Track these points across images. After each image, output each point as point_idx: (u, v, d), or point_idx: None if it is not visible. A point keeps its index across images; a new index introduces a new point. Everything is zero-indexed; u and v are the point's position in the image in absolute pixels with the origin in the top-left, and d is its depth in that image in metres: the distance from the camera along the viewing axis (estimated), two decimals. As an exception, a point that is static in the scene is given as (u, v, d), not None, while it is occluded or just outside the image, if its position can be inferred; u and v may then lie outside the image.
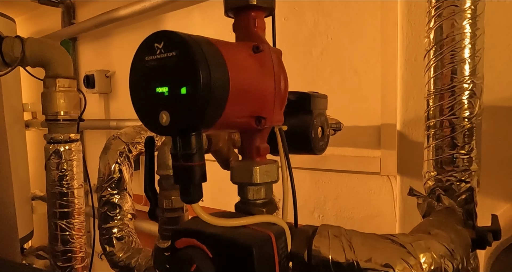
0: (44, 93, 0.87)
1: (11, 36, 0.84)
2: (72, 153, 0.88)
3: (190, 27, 1.81)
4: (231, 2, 0.47)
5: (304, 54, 1.42)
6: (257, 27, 0.47)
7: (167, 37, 0.35)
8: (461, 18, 0.55)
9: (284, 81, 0.46)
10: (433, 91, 0.59)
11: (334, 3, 1.33)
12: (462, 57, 0.56)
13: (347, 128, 1.33)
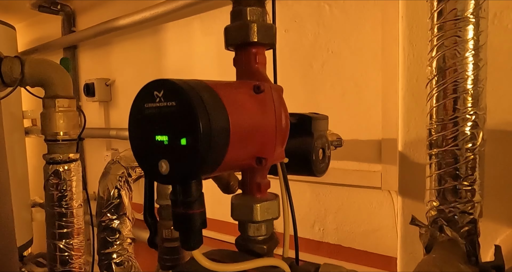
0: (43, 113, 0.86)
1: (10, 57, 0.84)
2: (71, 172, 0.87)
3: (190, 38, 1.81)
4: (231, 38, 0.46)
5: (305, 67, 1.41)
6: (258, 63, 0.47)
7: (167, 86, 0.34)
8: (463, 49, 0.55)
9: (285, 119, 0.46)
10: (435, 120, 0.58)
11: (335, 16, 1.33)
12: (464, 88, 0.55)
13: (347, 142, 1.33)
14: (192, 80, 0.37)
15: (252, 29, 0.45)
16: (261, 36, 0.45)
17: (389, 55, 1.20)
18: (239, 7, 0.46)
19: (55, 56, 2.55)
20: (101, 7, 2.28)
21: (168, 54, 1.93)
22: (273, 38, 0.47)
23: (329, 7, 1.34)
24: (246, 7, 0.46)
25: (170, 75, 1.93)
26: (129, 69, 2.15)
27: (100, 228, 0.69)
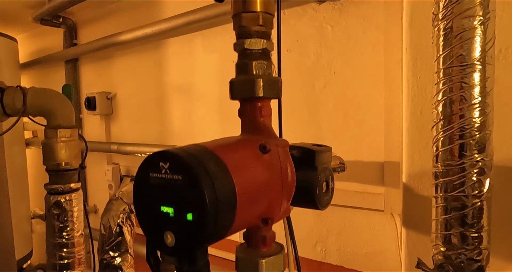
0: (45, 144, 0.86)
1: (12, 87, 0.84)
2: (73, 202, 0.86)
3: (192, 53, 1.81)
4: (237, 92, 0.46)
5: (307, 86, 1.41)
6: (264, 116, 0.47)
7: (173, 159, 0.34)
8: (470, 96, 0.54)
9: (291, 174, 0.45)
10: (441, 165, 0.58)
11: (337, 38, 1.33)
12: (471, 134, 0.55)
13: (350, 163, 1.32)
14: (199, 149, 0.36)
15: (258, 84, 0.44)
16: (267, 90, 0.45)
17: (392, 78, 1.19)
18: (245, 61, 0.46)
19: (57, 67, 2.55)
20: (103, 20, 2.28)
21: (170, 69, 1.93)
22: (279, 92, 0.47)
23: (332, 28, 1.33)
24: (252, 61, 0.45)
25: (171, 90, 1.93)
26: (131, 83, 2.14)
27: (102, 265, 0.69)
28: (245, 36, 0.45)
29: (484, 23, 0.54)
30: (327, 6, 1.33)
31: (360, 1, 1.26)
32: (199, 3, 1.69)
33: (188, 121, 1.86)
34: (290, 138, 1.57)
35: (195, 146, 0.37)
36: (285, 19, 1.45)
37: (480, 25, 0.54)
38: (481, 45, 0.54)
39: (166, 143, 1.92)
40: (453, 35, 0.55)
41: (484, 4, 0.53)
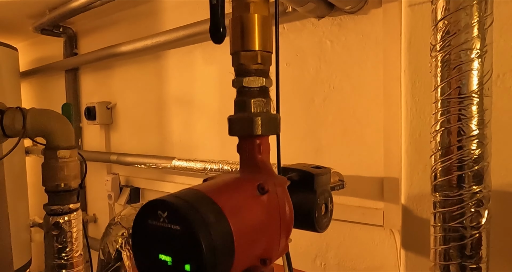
0: (44, 165, 0.86)
1: (12, 109, 0.84)
2: (72, 223, 0.86)
3: (192, 65, 1.81)
4: (235, 129, 0.46)
5: (306, 100, 1.41)
6: (262, 153, 0.47)
7: (171, 209, 0.34)
8: (468, 128, 0.55)
9: (289, 212, 0.45)
10: (440, 195, 0.58)
11: (336, 53, 1.33)
12: (470, 166, 0.55)
13: (349, 178, 1.32)
14: (196, 195, 0.36)
15: (257, 123, 0.44)
16: (265, 129, 0.45)
17: (391, 94, 1.20)
18: (243, 98, 0.46)
19: (57, 76, 2.56)
20: (103, 30, 2.29)
21: (170, 80, 1.93)
22: (277, 129, 0.47)
23: (331, 43, 1.34)
24: (250, 98, 0.45)
25: (171, 101, 1.93)
26: (131, 93, 2.15)
27: (101, 290, 0.68)
28: (244, 74, 0.46)
29: (482, 56, 0.54)
30: (326, 21, 1.34)
31: (359, 17, 1.27)
32: (199, 15, 1.70)
33: (188, 132, 1.86)
34: (289, 151, 1.58)
35: (192, 191, 0.37)
36: (284, 33, 1.46)
37: (477, 58, 0.54)
38: (478, 77, 0.54)
39: (165, 154, 1.92)
40: (451, 67, 0.55)
41: (481, 37, 0.54)
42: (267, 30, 0.46)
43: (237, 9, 0.46)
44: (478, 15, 0.54)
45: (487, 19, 0.54)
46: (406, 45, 0.82)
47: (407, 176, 0.83)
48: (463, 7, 0.54)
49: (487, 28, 0.54)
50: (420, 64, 0.81)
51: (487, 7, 0.54)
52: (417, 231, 0.82)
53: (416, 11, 0.81)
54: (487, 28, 0.54)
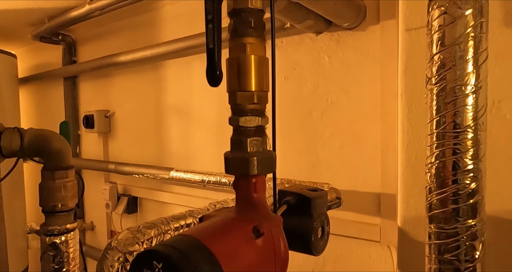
0: (42, 185, 0.86)
1: (10, 129, 0.84)
2: (69, 243, 0.86)
3: (190, 75, 1.82)
4: (232, 168, 0.46)
5: (304, 114, 1.42)
6: (258, 191, 0.47)
7: (165, 261, 0.34)
8: (463, 162, 0.55)
9: (284, 250, 0.46)
10: (435, 227, 0.58)
11: (334, 68, 1.34)
12: (464, 199, 0.55)
13: (346, 193, 1.33)
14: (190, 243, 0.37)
15: (252, 163, 0.45)
16: (261, 169, 0.46)
17: (388, 111, 1.20)
18: (239, 137, 0.46)
19: (56, 83, 2.56)
20: (102, 38, 2.29)
21: (168, 90, 1.94)
22: (273, 167, 0.48)
23: (329, 58, 1.35)
24: (246, 138, 0.46)
25: (170, 111, 1.94)
26: (129, 102, 2.15)
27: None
28: (240, 113, 0.46)
29: (476, 91, 0.54)
30: (325, 36, 1.34)
31: (357, 33, 1.27)
32: (197, 26, 1.70)
33: (186, 142, 1.87)
34: (287, 165, 1.57)
35: (186, 239, 0.37)
36: (282, 47, 1.46)
37: (472, 93, 0.54)
38: (473, 112, 0.55)
39: (164, 164, 1.92)
40: (446, 101, 0.56)
41: (476, 73, 0.54)
42: (263, 70, 0.46)
43: (234, 50, 0.46)
44: (472, 51, 0.54)
45: (482, 55, 0.54)
46: (402, 69, 0.83)
47: (403, 199, 0.84)
48: (458, 42, 0.54)
49: (482, 64, 0.54)
50: (417, 88, 0.82)
51: (481, 43, 0.54)
52: (413, 253, 0.83)
53: (413, 35, 0.81)
54: (481, 64, 0.54)
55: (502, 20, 0.71)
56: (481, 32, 0.54)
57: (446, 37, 0.55)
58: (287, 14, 1.08)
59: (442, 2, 0.56)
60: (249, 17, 0.45)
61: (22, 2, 1.91)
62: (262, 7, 0.46)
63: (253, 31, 0.45)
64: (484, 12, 0.54)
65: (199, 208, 0.96)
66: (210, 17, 0.41)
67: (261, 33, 0.46)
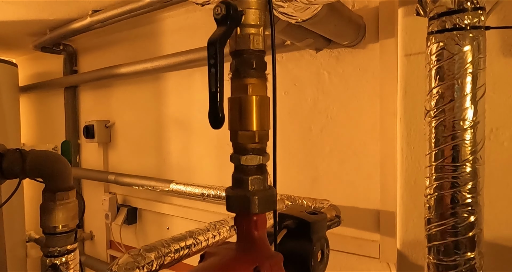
0: (43, 207, 0.86)
1: (12, 150, 0.84)
2: (69, 264, 0.87)
3: (191, 88, 1.83)
4: (233, 207, 0.47)
5: (304, 129, 1.43)
6: (258, 229, 0.47)
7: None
8: (461, 196, 0.56)
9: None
10: (433, 258, 0.59)
11: (334, 84, 1.35)
12: (463, 233, 0.56)
13: (346, 209, 1.33)
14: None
15: (254, 202, 0.45)
16: (262, 207, 0.46)
17: (387, 128, 1.21)
18: (241, 176, 0.47)
19: (56, 92, 2.56)
20: (103, 49, 2.31)
21: (169, 102, 1.94)
22: (274, 205, 0.48)
23: (328, 74, 1.36)
24: (248, 176, 0.46)
25: (170, 123, 1.94)
26: (129, 113, 2.16)
27: None
28: (242, 152, 0.47)
29: (474, 126, 0.55)
30: (324, 53, 1.35)
31: (357, 50, 1.29)
32: (198, 39, 1.72)
33: (186, 155, 1.87)
34: (286, 180, 1.57)
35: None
36: (282, 62, 1.47)
37: (470, 128, 0.55)
38: (471, 147, 0.55)
39: (163, 176, 1.93)
40: (445, 135, 0.57)
41: (474, 108, 0.55)
42: (264, 110, 0.47)
43: (236, 90, 0.47)
44: (471, 87, 0.55)
45: (479, 91, 0.55)
46: (401, 93, 0.83)
47: (402, 222, 0.84)
48: (456, 78, 0.55)
49: (479, 99, 0.55)
50: (416, 112, 0.82)
51: (479, 78, 0.55)
52: (412, 276, 0.83)
53: (412, 60, 0.82)
54: (479, 99, 0.55)
55: (500, 49, 0.72)
56: (479, 68, 0.55)
57: (444, 72, 0.56)
58: (287, 33, 1.10)
59: (440, 37, 0.57)
60: (251, 58, 0.46)
61: (24, 14, 1.92)
62: (264, 48, 0.47)
63: (255, 72, 0.46)
64: (482, 48, 0.55)
65: (199, 228, 0.97)
66: (213, 61, 0.42)
67: (263, 73, 0.47)
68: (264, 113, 0.47)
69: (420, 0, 0.63)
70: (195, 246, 0.91)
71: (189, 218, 1.86)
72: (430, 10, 0.58)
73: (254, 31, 0.46)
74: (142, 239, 2.12)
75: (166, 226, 1.98)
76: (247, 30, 0.45)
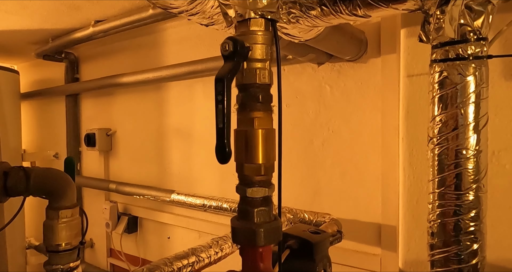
0: (46, 224, 0.86)
1: (16, 169, 0.85)
2: (71, 282, 0.87)
3: (192, 98, 1.83)
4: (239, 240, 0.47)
5: (305, 142, 1.43)
6: (264, 260, 0.48)
7: None
8: (464, 224, 0.56)
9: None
10: (437, 285, 0.59)
11: (335, 98, 1.36)
12: (466, 260, 0.56)
13: (347, 222, 1.33)
14: None
15: (259, 235, 0.46)
16: (268, 240, 0.46)
17: (389, 142, 1.22)
18: (247, 207, 0.47)
19: (58, 99, 2.57)
20: (105, 57, 2.31)
21: (170, 112, 1.95)
22: (279, 237, 0.48)
23: (330, 88, 1.36)
24: (253, 208, 0.47)
25: (171, 132, 1.95)
26: (131, 121, 2.16)
27: None
28: (247, 184, 0.47)
29: (477, 155, 0.56)
30: (326, 67, 1.36)
31: (358, 65, 1.29)
32: (200, 50, 1.72)
33: (187, 165, 1.87)
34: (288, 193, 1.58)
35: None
36: (284, 75, 1.48)
37: (473, 157, 0.56)
38: (474, 175, 0.56)
39: (164, 185, 1.93)
40: (447, 163, 0.57)
41: (477, 137, 0.56)
42: (270, 143, 0.47)
43: (242, 123, 0.47)
44: (473, 116, 0.56)
45: (482, 120, 0.56)
46: (404, 114, 0.84)
47: (404, 242, 0.84)
48: (459, 107, 0.56)
49: (482, 129, 0.56)
50: (418, 133, 0.83)
51: (481, 108, 0.56)
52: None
53: (414, 81, 0.83)
54: (481, 129, 0.56)
55: (502, 73, 0.73)
56: (482, 98, 0.55)
57: (447, 101, 0.57)
58: (289, 50, 1.10)
59: (443, 66, 0.57)
60: (257, 92, 0.46)
61: (27, 23, 1.93)
62: (270, 82, 0.47)
63: (261, 106, 0.47)
64: (484, 78, 0.56)
65: (201, 245, 0.97)
66: (220, 98, 0.42)
67: (269, 106, 0.48)
68: (270, 146, 0.47)
69: (423, 27, 0.64)
70: (197, 264, 0.91)
71: (190, 228, 1.86)
72: (433, 38, 0.59)
73: (260, 65, 0.46)
74: (142, 248, 2.12)
75: (167, 235, 1.98)
76: (253, 64, 0.46)
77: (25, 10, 1.71)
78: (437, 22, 0.57)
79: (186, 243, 1.94)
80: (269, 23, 0.46)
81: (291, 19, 0.75)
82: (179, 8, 0.69)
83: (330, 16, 0.70)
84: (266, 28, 0.46)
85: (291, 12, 0.73)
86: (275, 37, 0.46)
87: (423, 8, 0.62)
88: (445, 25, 0.55)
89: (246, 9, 0.45)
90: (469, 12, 0.54)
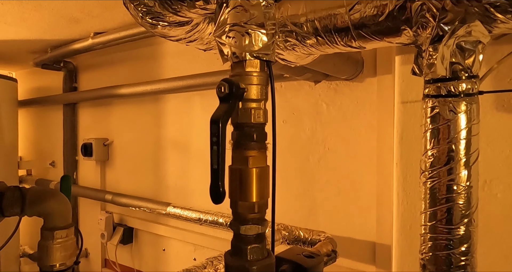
0: (41, 245, 0.86)
1: (11, 188, 0.85)
2: (65, 302, 0.87)
3: (190, 111, 1.84)
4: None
5: (302, 159, 1.44)
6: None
7: None
8: (455, 259, 0.57)
9: None
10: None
11: (332, 115, 1.37)
12: (456, 294, 0.57)
13: (342, 239, 1.34)
14: None
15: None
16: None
17: (384, 161, 1.22)
18: (240, 245, 0.48)
19: (55, 108, 2.57)
20: (103, 67, 2.32)
21: (167, 124, 1.95)
22: None
23: (327, 106, 1.38)
24: (247, 245, 0.47)
25: (168, 144, 1.95)
26: (128, 132, 2.16)
27: None
28: (241, 222, 0.48)
29: (468, 190, 0.57)
30: (323, 85, 1.38)
31: (354, 84, 1.31)
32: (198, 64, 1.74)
33: (184, 177, 1.88)
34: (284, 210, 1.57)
35: None
36: (281, 91, 1.50)
37: (464, 192, 0.57)
38: (465, 209, 0.57)
39: (160, 198, 1.93)
40: (439, 197, 0.58)
41: (468, 173, 0.57)
42: (264, 181, 0.48)
43: (236, 161, 0.48)
44: (464, 152, 0.57)
45: (472, 156, 0.57)
46: (398, 139, 0.85)
47: (398, 267, 0.85)
48: (450, 143, 0.57)
49: (472, 164, 0.57)
50: (412, 158, 0.84)
51: (472, 144, 0.57)
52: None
53: (408, 108, 0.84)
54: (472, 164, 0.57)
55: (493, 104, 0.74)
56: (472, 135, 0.57)
57: (439, 136, 0.58)
58: (286, 70, 1.12)
59: (435, 102, 0.58)
60: (251, 131, 0.47)
61: (27, 35, 1.94)
62: (264, 121, 0.48)
63: (255, 145, 0.47)
64: (475, 114, 0.57)
65: (195, 266, 0.97)
66: (215, 139, 0.43)
67: (263, 144, 0.49)
68: (264, 184, 0.48)
69: (416, 60, 0.65)
70: (191, 286, 0.91)
71: (186, 241, 1.86)
72: (426, 73, 0.60)
73: (255, 105, 0.47)
74: (137, 259, 2.11)
75: (162, 247, 1.98)
76: (249, 104, 0.47)
77: (25, 22, 1.72)
78: (430, 58, 0.59)
79: (181, 256, 1.94)
80: (264, 63, 0.47)
81: (288, 46, 0.76)
82: (177, 37, 0.70)
83: (325, 45, 0.71)
84: (262, 69, 0.47)
85: (287, 40, 0.74)
86: (271, 78, 0.47)
87: (417, 43, 0.63)
88: (437, 63, 0.57)
89: (242, 51, 0.46)
90: (460, 51, 0.55)
